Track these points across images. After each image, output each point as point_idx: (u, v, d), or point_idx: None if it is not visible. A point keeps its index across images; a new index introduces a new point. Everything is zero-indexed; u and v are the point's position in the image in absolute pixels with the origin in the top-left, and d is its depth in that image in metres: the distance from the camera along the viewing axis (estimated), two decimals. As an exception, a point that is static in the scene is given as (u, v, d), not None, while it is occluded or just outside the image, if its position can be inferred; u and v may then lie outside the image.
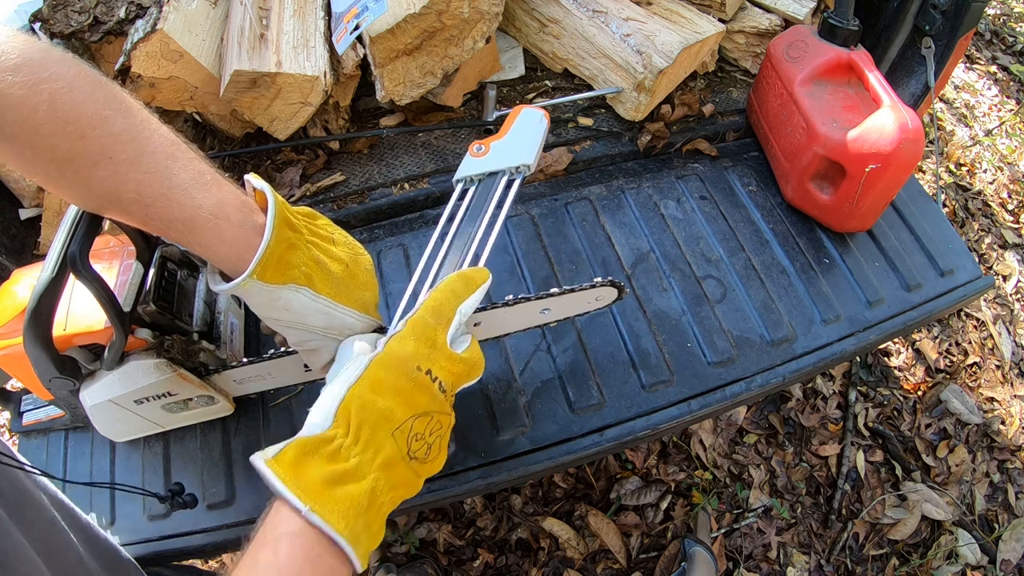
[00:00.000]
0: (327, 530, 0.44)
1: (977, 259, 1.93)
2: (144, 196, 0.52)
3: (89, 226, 0.59)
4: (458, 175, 0.78)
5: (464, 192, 0.77)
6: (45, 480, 0.69)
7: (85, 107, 0.49)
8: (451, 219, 0.75)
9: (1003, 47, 2.69)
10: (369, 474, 0.48)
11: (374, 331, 0.73)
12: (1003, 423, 1.66)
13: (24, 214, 1.07)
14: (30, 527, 0.59)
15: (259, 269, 0.56)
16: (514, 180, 0.77)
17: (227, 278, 0.58)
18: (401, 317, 0.59)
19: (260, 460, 0.46)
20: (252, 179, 0.60)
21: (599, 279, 0.80)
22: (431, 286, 0.64)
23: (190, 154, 0.56)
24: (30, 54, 0.47)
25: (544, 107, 1.12)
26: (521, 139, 0.79)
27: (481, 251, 0.70)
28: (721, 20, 1.22)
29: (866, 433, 1.62)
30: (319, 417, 0.49)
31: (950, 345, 1.80)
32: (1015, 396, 1.71)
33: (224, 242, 0.56)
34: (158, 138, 0.53)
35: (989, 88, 2.52)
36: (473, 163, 0.78)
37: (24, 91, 0.46)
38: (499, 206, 0.75)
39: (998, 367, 1.76)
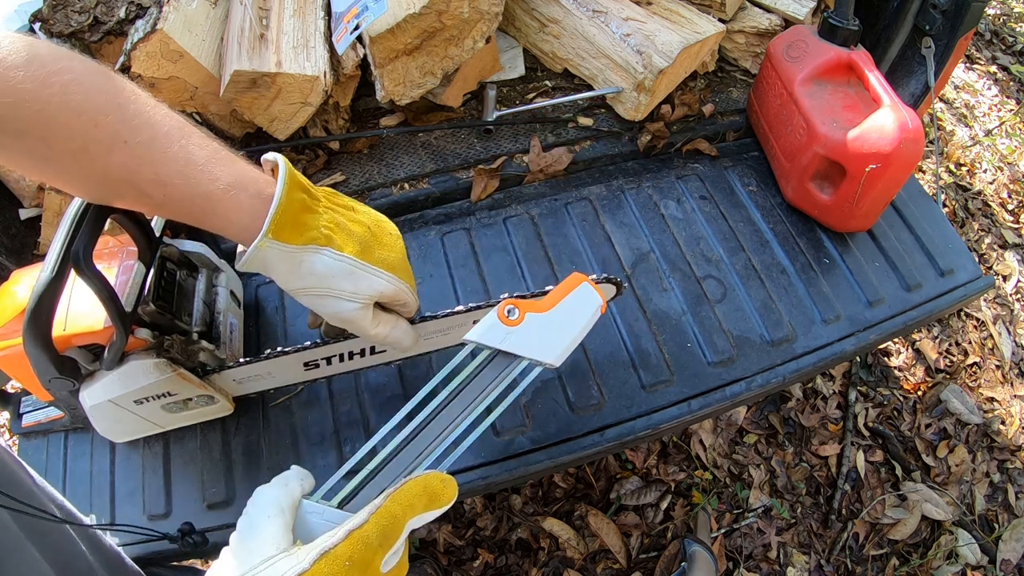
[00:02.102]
0: None
1: (977, 259, 1.93)
2: (161, 175, 0.53)
3: (93, 224, 0.59)
4: (473, 336, 0.61)
5: (474, 354, 0.62)
6: (53, 490, 0.69)
7: (97, 96, 0.50)
8: (449, 379, 0.60)
9: (1003, 47, 2.69)
10: None
11: (415, 321, 0.71)
12: (1003, 423, 1.66)
13: (24, 214, 1.07)
14: (42, 538, 0.59)
15: (273, 227, 0.56)
16: (532, 370, 0.62)
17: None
18: (349, 499, 0.50)
19: None
20: (268, 155, 0.61)
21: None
22: (388, 457, 0.54)
23: (201, 135, 0.56)
24: (36, 51, 0.47)
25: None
26: (564, 329, 0.63)
27: (461, 441, 0.57)
28: (721, 20, 1.22)
29: (866, 433, 1.62)
30: None
31: (950, 345, 1.80)
32: (1015, 396, 1.71)
33: (244, 211, 0.56)
34: (170, 121, 0.54)
35: (989, 88, 2.52)
36: (498, 331, 0.61)
37: (35, 85, 0.46)
38: (501, 397, 0.60)
39: (998, 367, 1.76)
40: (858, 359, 1.71)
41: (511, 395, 0.60)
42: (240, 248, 0.61)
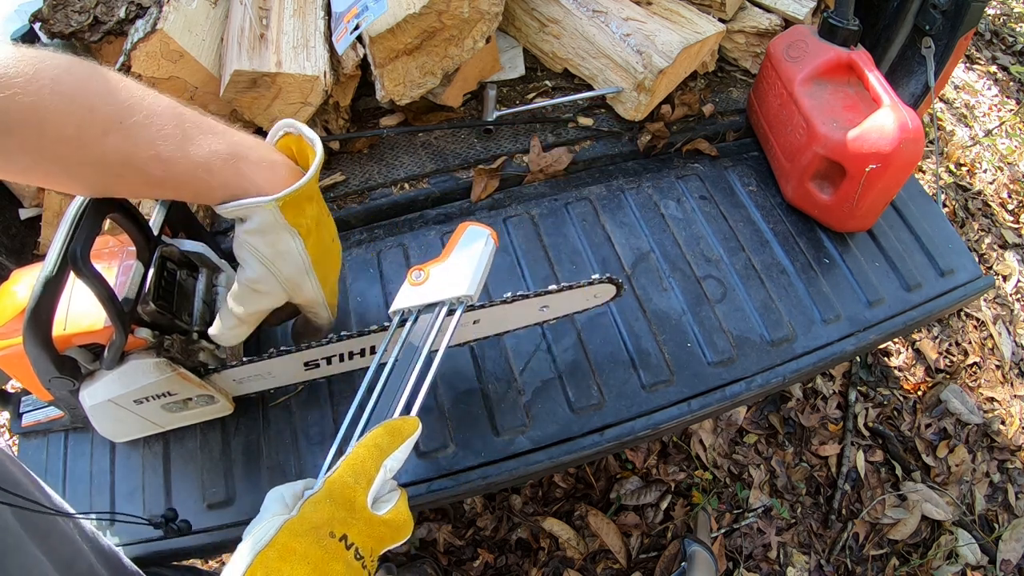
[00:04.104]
0: None
1: (977, 259, 1.93)
2: (160, 153, 0.54)
3: (90, 225, 0.59)
4: (395, 306, 0.70)
5: (403, 322, 0.70)
6: (50, 490, 0.69)
7: (87, 84, 0.51)
8: (384, 358, 0.68)
9: (1003, 47, 2.69)
10: None
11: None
12: (1003, 423, 1.66)
13: (24, 214, 1.07)
14: (45, 539, 0.59)
15: (287, 199, 0.60)
16: (456, 310, 0.69)
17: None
18: (325, 472, 0.55)
19: None
20: (302, 128, 0.64)
21: (597, 276, 0.80)
22: (360, 435, 0.59)
23: (195, 112, 0.58)
24: (24, 50, 0.48)
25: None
26: (463, 264, 0.71)
27: (415, 396, 0.62)
28: (721, 20, 1.22)
29: (866, 433, 1.62)
30: None
31: (950, 345, 1.80)
32: (1015, 396, 1.71)
33: (244, 178, 0.59)
34: (163, 100, 0.56)
35: (989, 88, 2.52)
36: (411, 293, 0.70)
37: (25, 79, 0.47)
38: (437, 344, 0.67)
39: (998, 367, 1.76)
40: (858, 359, 1.71)
41: (448, 333, 0.68)
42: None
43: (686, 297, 1.00)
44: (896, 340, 1.78)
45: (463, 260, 0.71)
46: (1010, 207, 2.14)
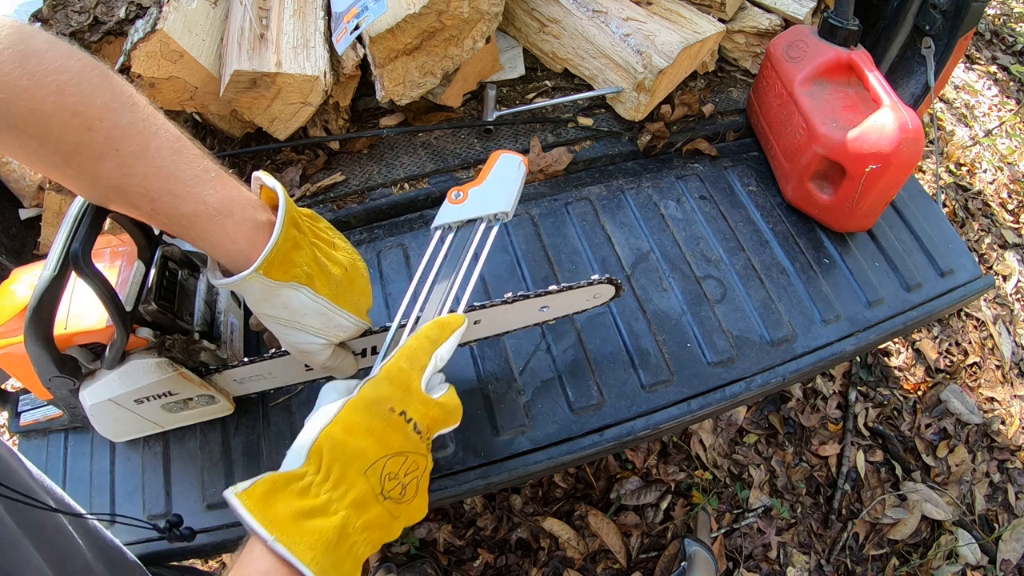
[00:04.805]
0: (293, 561, 0.43)
1: (977, 259, 1.93)
2: (150, 190, 0.53)
3: (92, 224, 0.59)
4: (437, 222, 0.77)
5: (443, 239, 0.77)
6: (51, 483, 0.69)
7: (93, 99, 0.49)
8: (431, 264, 0.74)
9: (1003, 47, 2.69)
10: (339, 511, 0.47)
11: (362, 335, 0.73)
12: (1003, 423, 1.66)
13: (24, 214, 1.07)
14: (38, 533, 0.59)
15: (265, 265, 0.57)
16: (492, 227, 0.77)
17: (228, 273, 0.59)
18: (380, 361, 0.59)
19: (231, 493, 0.46)
20: (263, 176, 0.61)
21: (596, 276, 0.81)
22: (411, 332, 0.64)
23: (195, 151, 0.56)
24: (36, 45, 0.47)
25: (523, 153, 1.13)
26: (499, 186, 0.79)
27: (460, 298, 0.70)
28: (721, 20, 1.22)
29: (866, 433, 1.62)
30: (292, 456, 0.50)
31: (950, 345, 1.80)
32: (1015, 396, 1.71)
33: (228, 238, 0.56)
34: (164, 133, 0.54)
35: (989, 88, 2.52)
36: (451, 210, 0.77)
37: (31, 82, 0.46)
38: (477, 254, 0.74)
39: (998, 367, 1.76)
40: (858, 359, 1.71)
41: (486, 247, 0.74)
42: (210, 261, 0.62)
43: (686, 297, 1.00)
44: (896, 340, 1.78)
45: (499, 182, 0.79)
46: (1010, 207, 2.14)
